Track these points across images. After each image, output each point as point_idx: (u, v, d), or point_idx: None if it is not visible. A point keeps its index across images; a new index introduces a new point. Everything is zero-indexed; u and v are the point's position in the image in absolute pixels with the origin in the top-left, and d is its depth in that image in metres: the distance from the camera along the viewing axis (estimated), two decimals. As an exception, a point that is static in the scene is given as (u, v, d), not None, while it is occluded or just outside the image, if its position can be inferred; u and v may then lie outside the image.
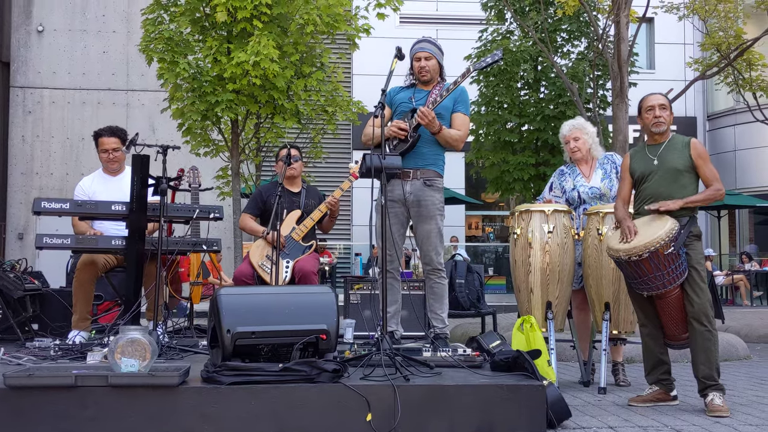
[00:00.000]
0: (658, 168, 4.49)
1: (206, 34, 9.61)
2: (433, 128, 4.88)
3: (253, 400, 3.38)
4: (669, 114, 4.57)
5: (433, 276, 5.08)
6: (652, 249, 4.19)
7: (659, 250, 4.19)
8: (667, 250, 4.20)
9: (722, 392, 4.27)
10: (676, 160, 4.45)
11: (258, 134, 10.60)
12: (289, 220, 5.74)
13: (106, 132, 5.58)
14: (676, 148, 4.50)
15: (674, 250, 4.21)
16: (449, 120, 5.06)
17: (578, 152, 5.47)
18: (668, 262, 4.23)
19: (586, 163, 5.51)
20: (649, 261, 4.22)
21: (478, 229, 22.02)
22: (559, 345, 5.80)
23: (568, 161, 5.62)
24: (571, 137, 5.48)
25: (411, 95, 5.13)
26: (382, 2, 9.86)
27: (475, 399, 3.52)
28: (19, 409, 3.31)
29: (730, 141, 21.09)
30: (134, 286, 4.96)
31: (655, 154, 4.53)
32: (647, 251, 4.20)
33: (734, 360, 6.98)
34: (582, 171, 5.48)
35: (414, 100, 5.09)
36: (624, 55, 9.00)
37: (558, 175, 5.61)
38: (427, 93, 5.07)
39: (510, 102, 15.98)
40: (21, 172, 18.59)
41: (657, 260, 4.22)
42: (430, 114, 4.82)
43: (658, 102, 4.56)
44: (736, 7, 14.49)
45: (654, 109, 4.54)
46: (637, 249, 4.24)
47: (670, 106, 4.64)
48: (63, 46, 18.87)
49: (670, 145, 4.53)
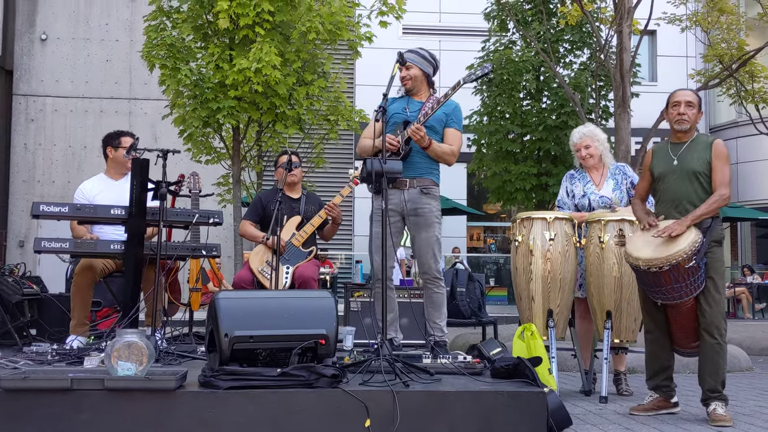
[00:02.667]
0: (677, 168, 4.36)
1: (208, 41, 9.61)
2: (422, 144, 4.88)
3: (251, 405, 3.34)
4: (696, 112, 4.40)
5: (431, 285, 5.03)
6: (673, 262, 4.06)
7: (681, 263, 4.06)
8: (688, 263, 4.07)
9: (725, 402, 4.22)
10: (695, 161, 4.31)
11: (259, 142, 10.59)
12: (289, 226, 5.72)
13: (127, 133, 5.64)
14: (697, 148, 4.36)
15: (696, 263, 4.10)
16: (441, 133, 5.03)
17: (590, 159, 5.41)
18: (688, 275, 4.11)
19: (596, 170, 5.45)
20: (669, 273, 4.10)
21: (479, 241, 21.97)
22: (560, 354, 5.75)
23: (577, 167, 5.57)
24: (582, 145, 5.42)
25: (405, 105, 5.09)
26: (384, 10, 9.87)
27: (475, 405, 3.48)
28: (14, 412, 3.27)
29: (732, 154, 20.95)
30: (132, 290, 4.92)
31: (676, 153, 4.40)
32: (668, 264, 4.07)
33: (736, 371, 6.93)
34: (592, 178, 5.42)
35: (408, 111, 5.06)
36: (626, 65, 8.97)
37: (569, 179, 5.54)
38: (420, 104, 5.04)
39: (512, 112, 15.97)
40: (23, 180, 18.59)
41: (677, 273, 4.10)
42: (419, 132, 4.81)
43: (685, 99, 4.41)
44: (738, 19, 14.49)
45: (679, 105, 4.39)
46: (658, 261, 4.11)
47: (699, 104, 4.45)
48: (66, 54, 18.90)
49: (692, 145, 4.39)
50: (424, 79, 5.10)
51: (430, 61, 5.12)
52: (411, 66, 5.05)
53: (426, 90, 5.13)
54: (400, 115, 5.03)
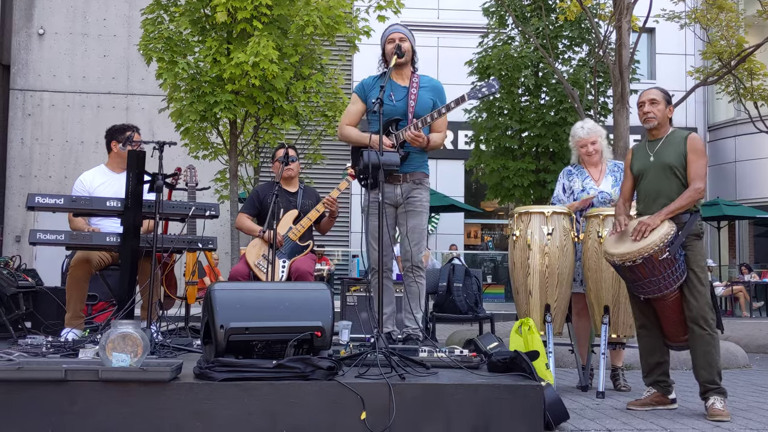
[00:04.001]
0: (653, 164, 4.39)
1: (206, 35, 9.57)
2: (421, 146, 4.92)
3: (246, 396, 3.32)
4: (663, 108, 4.42)
5: (412, 274, 4.99)
6: (645, 255, 4.11)
7: (653, 255, 4.11)
8: (661, 255, 4.11)
9: (724, 396, 4.21)
10: (670, 155, 4.35)
11: (256, 137, 10.56)
12: (286, 219, 5.69)
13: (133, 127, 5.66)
14: (673, 143, 4.39)
15: (669, 255, 4.12)
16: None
17: (596, 155, 5.40)
18: (663, 267, 4.14)
19: (595, 166, 5.44)
20: (644, 266, 4.15)
21: (477, 238, 21.95)
22: (558, 351, 5.73)
23: (576, 163, 5.54)
24: (589, 140, 5.39)
25: (390, 92, 4.98)
26: (383, 4, 9.83)
27: (471, 399, 3.46)
28: (8, 403, 3.25)
29: (730, 152, 21.06)
30: (128, 283, 4.89)
31: (653, 149, 4.44)
32: (641, 257, 4.12)
33: (734, 368, 6.92)
34: (591, 174, 5.41)
35: (394, 99, 4.97)
36: (625, 61, 8.96)
37: (566, 175, 5.53)
38: (405, 90, 4.98)
39: (510, 108, 15.96)
40: (19, 175, 18.53)
41: (651, 266, 4.14)
42: (417, 139, 4.84)
43: (648, 97, 4.45)
44: (737, 17, 14.49)
45: (644, 104, 4.45)
46: (630, 254, 4.16)
47: (667, 99, 4.47)
48: (63, 49, 18.84)
49: (667, 141, 4.42)
50: (412, 53, 5.07)
51: (413, 37, 5.13)
52: (405, 38, 5.01)
53: (409, 68, 5.09)
54: (386, 106, 4.81)
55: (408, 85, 5.01)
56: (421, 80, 5.05)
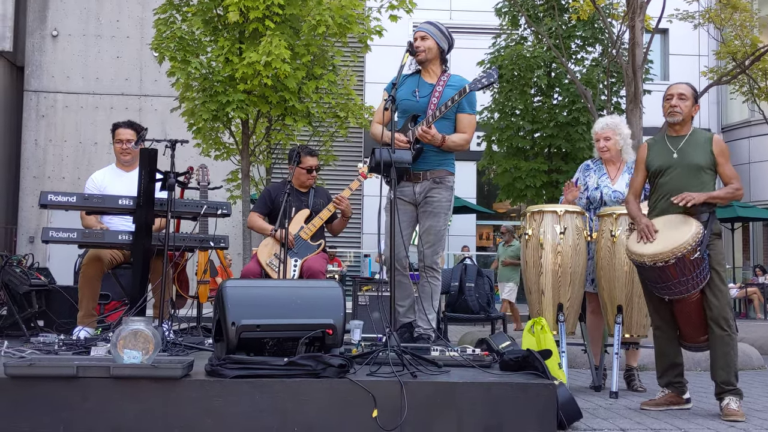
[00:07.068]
0: (679, 163, 4.32)
1: (218, 35, 9.59)
2: (436, 143, 4.78)
3: (258, 394, 3.30)
4: (690, 105, 4.37)
5: (426, 274, 4.93)
6: (679, 255, 4.01)
7: (686, 255, 4.01)
8: (693, 255, 4.02)
9: (739, 397, 4.16)
10: (699, 156, 4.29)
11: (269, 137, 10.57)
12: (298, 218, 5.68)
13: (124, 124, 5.63)
14: (698, 143, 4.34)
15: (700, 254, 4.04)
16: (454, 119, 4.89)
17: (607, 152, 5.31)
18: (693, 267, 4.06)
19: (613, 164, 5.36)
20: (675, 267, 4.04)
21: (489, 240, 21.89)
22: (571, 351, 5.70)
23: (596, 157, 5.48)
24: (602, 136, 5.32)
25: (415, 88, 4.93)
26: (395, 4, 9.82)
27: (483, 397, 3.43)
28: (20, 400, 3.25)
29: (744, 153, 20.91)
30: (140, 281, 4.90)
31: (675, 146, 4.37)
32: (674, 257, 4.02)
33: (748, 369, 6.86)
34: (608, 171, 5.34)
35: (418, 95, 4.91)
36: (639, 60, 8.91)
37: (583, 169, 5.47)
38: (431, 87, 4.90)
39: (523, 108, 15.91)
40: (33, 176, 18.63)
41: (683, 266, 4.04)
42: (428, 134, 4.71)
43: (678, 91, 4.39)
44: (751, 16, 14.40)
45: (672, 98, 4.38)
46: (663, 255, 4.05)
47: (695, 97, 4.42)
48: (77, 50, 18.93)
49: (691, 140, 4.36)
50: (438, 54, 4.95)
51: (446, 36, 4.99)
52: (427, 37, 4.92)
53: (439, 66, 4.99)
54: (409, 102, 4.88)
55: (435, 83, 4.94)
56: (451, 79, 4.93)
